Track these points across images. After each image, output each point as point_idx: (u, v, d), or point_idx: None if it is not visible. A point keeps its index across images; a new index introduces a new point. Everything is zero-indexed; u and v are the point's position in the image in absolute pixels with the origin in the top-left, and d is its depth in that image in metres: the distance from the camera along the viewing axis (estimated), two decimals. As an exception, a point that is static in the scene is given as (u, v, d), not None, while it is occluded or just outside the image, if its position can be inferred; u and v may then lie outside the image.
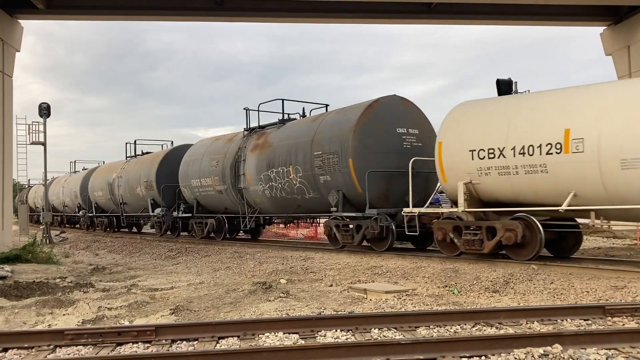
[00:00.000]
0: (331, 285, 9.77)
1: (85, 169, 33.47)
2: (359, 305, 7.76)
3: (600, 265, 9.14)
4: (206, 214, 19.19)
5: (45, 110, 22.97)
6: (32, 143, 24.01)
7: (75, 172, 35.91)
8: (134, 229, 28.46)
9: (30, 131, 23.72)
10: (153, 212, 21.84)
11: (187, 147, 21.45)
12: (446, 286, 9.05)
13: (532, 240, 9.99)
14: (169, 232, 21.71)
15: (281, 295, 8.63)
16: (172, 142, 24.82)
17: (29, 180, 45.21)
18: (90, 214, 29.12)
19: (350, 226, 13.55)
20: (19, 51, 17.79)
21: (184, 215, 20.19)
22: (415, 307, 7.27)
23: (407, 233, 12.26)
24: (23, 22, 17.75)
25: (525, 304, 7.38)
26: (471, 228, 10.74)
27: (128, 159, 25.66)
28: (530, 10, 17.21)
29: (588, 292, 7.69)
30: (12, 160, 18.69)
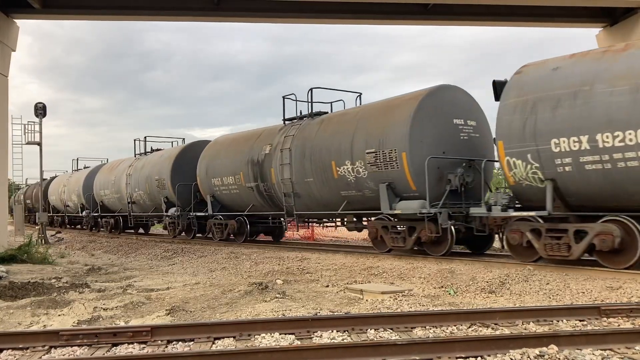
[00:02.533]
0: (327, 286, 9.77)
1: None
2: (355, 306, 7.76)
3: (595, 266, 9.15)
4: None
5: (41, 110, 22.93)
6: (28, 143, 23.94)
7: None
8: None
9: (26, 131, 23.65)
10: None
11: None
12: (442, 287, 9.06)
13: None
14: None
15: (277, 295, 8.62)
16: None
17: (26, 179, 44.89)
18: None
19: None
20: (14, 51, 17.71)
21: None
22: (411, 307, 7.27)
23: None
24: (19, 22, 17.66)
25: (521, 305, 7.39)
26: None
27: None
28: (526, 12, 17.26)
29: (584, 292, 7.71)
30: (8, 160, 18.61)
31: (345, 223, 14.18)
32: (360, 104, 14.72)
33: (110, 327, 5.72)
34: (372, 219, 13.17)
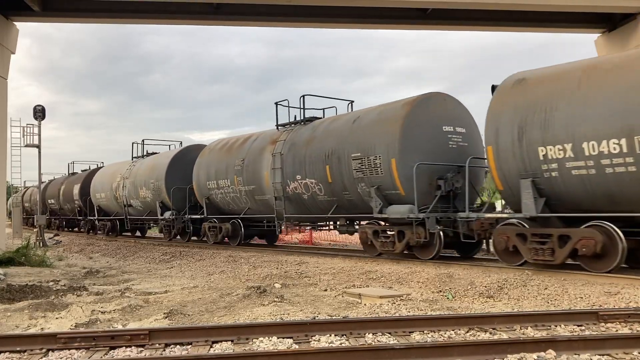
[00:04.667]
0: (325, 290, 9.77)
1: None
2: (353, 310, 7.76)
3: (593, 272, 9.16)
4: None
5: (40, 113, 22.92)
6: (27, 145, 23.90)
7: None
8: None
9: (25, 133, 23.61)
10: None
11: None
12: (440, 291, 9.06)
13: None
14: (178, 237, 20.58)
15: (275, 299, 8.62)
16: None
17: (24, 182, 44.77)
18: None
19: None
20: (14, 53, 17.75)
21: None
22: (409, 312, 7.27)
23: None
24: (18, 24, 17.71)
25: (519, 310, 7.39)
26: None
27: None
28: (524, 17, 17.33)
29: (582, 297, 7.71)
30: (6, 163, 18.60)
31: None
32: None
33: (108, 330, 5.71)
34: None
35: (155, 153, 23.79)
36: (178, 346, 5.32)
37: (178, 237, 20.64)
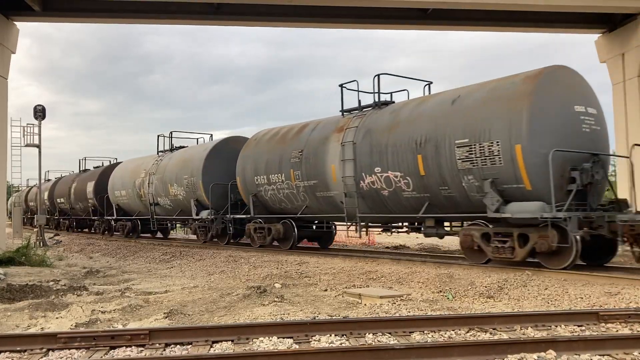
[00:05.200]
0: (326, 290, 9.77)
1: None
2: (353, 310, 7.77)
3: (594, 272, 9.16)
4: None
5: (40, 113, 22.92)
6: (27, 145, 23.91)
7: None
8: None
9: (25, 133, 23.62)
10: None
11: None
12: (441, 291, 9.06)
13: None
14: (215, 239, 18.44)
15: (275, 299, 8.63)
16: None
17: (27, 181, 44.66)
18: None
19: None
20: (14, 53, 17.75)
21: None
22: (409, 312, 7.27)
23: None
24: (19, 24, 17.72)
25: (519, 310, 7.39)
26: None
27: (161, 153, 21.99)
28: (525, 17, 17.32)
29: (582, 298, 7.71)
30: (7, 163, 18.61)
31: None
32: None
33: (108, 330, 5.70)
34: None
35: (182, 147, 21.44)
36: (178, 346, 5.32)
37: (215, 239, 18.38)
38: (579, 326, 5.87)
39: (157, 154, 21.99)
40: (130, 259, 17.62)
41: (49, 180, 38.12)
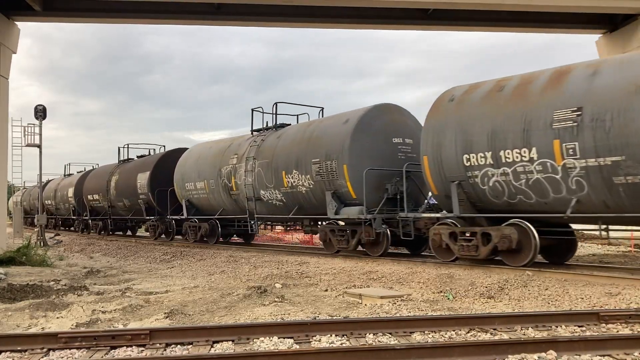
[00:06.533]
0: (326, 290, 9.77)
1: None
2: (354, 310, 7.77)
3: (594, 272, 9.16)
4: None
5: (41, 113, 22.95)
6: (28, 145, 23.93)
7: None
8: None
9: (26, 133, 23.63)
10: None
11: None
12: (441, 292, 9.06)
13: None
14: (163, 236, 21.56)
15: (276, 299, 8.63)
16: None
17: (24, 182, 44.72)
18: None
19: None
20: (15, 53, 17.77)
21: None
22: (410, 312, 7.27)
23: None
24: (19, 24, 17.73)
25: (520, 310, 7.39)
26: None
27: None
28: (526, 18, 17.32)
29: (582, 298, 7.71)
30: (7, 163, 18.62)
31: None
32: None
33: (109, 329, 5.71)
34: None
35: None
36: (179, 346, 5.32)
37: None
38: (579, 326, 5.86)
39: (252, 133, 17.15)
40: (130, 259, 17.62)
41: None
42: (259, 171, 15.54)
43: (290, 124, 16.28)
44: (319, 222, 14.90)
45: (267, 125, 16.61)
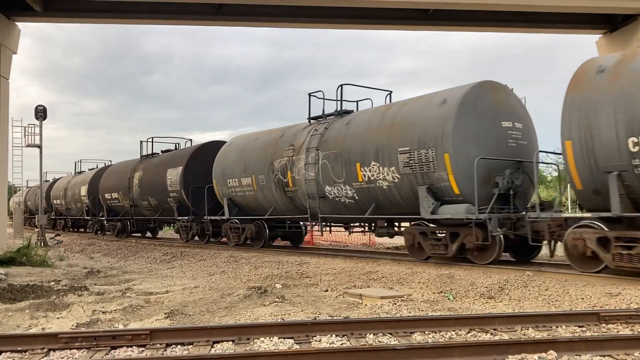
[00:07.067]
0: (326, 290, 9.77)
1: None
2: (354, 311, 7.77)
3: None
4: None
5: (41, 113, 22.96)
6: (28, 145, 23.93)
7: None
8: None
9: (26, 134, 23.63)
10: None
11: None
12: (441, 292, 9.07)
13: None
14: (196, 238, 19.08)
15: (276, 299, 8.63)
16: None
17: (27, 181, 44.57)
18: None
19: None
20: (15, 53, 17.78)
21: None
22: (410, 312, 7.27)
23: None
24: (20, 24, 17.74)
25: (520, 311, 7.40)
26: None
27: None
28: (526, 18, 17.33)
29: (583, 298, 7.71)
30: (8, 163, 18.63)
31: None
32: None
33: (109, 330, 5.71)
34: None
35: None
36: (179, 346, 5.32)
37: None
38: (579, 327, 5.87)
39: (309, 121, 15.11)
40: (131, 259, 17.63)
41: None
42: (324, 164, 13.28)
43: (353, 111, 14.17)
44: (395, 224, 12.92)
45: (324, 112, 14.53)
